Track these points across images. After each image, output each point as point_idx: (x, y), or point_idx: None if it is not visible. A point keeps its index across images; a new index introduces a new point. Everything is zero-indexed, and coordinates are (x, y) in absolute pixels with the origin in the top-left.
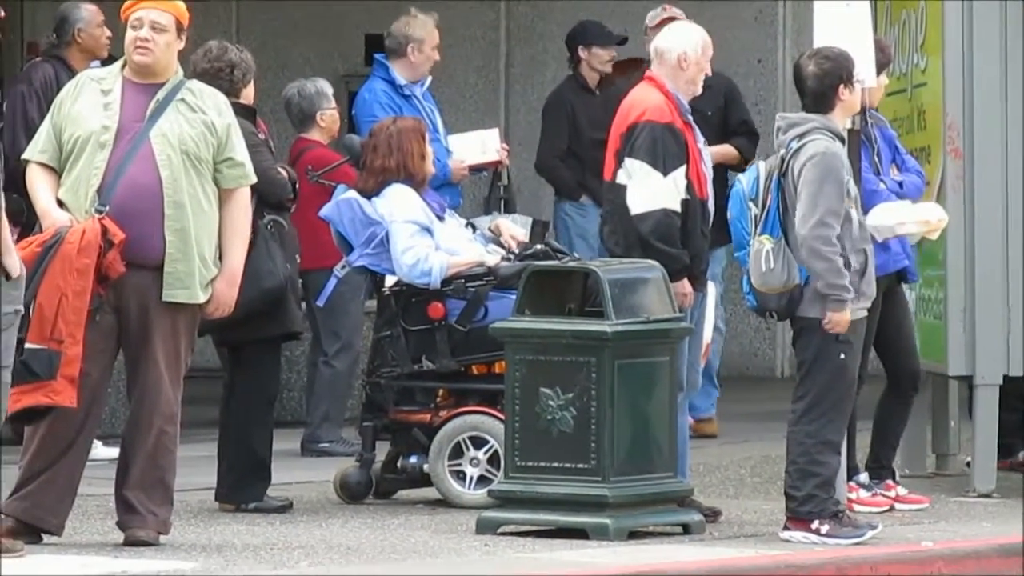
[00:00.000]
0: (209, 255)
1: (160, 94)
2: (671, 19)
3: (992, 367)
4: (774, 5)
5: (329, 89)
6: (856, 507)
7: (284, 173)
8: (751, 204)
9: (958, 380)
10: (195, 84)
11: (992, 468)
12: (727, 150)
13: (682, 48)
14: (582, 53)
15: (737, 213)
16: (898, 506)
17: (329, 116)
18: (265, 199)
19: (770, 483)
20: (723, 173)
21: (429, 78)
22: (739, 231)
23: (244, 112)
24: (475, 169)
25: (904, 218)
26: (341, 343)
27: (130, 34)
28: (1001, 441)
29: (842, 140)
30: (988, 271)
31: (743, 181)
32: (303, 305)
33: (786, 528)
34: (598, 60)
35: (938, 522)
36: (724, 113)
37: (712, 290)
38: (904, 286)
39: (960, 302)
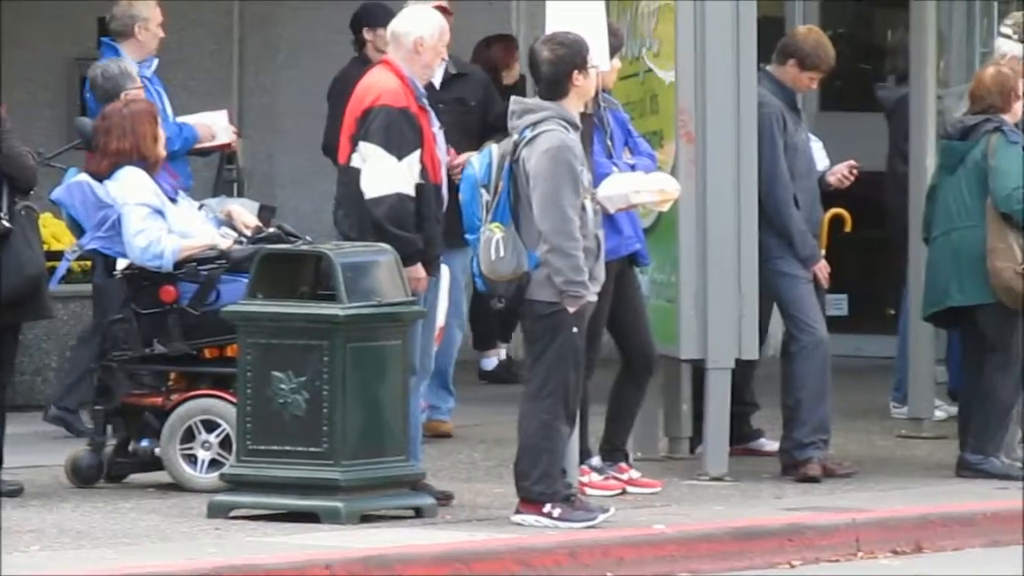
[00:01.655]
0: None
1: None
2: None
3: (724, 351)
4: None
5: (134, 69)
6: (588, 490)
7: (32, 158)
8: (483, 190)
9: (690, 363)
10: None
11: (724, 452)
12: None
13: (419, 33)
14: (367, 35)
15: (469, 198)
16: (631, 489)
17: (134, 95)
18: (16, 185)
19: (503, 466)
20: None
21: (156, 60)
22: (470, 216)
23: None
24: (204, 151)
25: (640, 186)
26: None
27: None
28: (733, 426)
29: (576, 127)
30: (720, 255)
31: (475, 166)
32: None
33: (518, 512)
34: (383, 41)
35: (670, 505)
36: (484, 105)
37: (446, 274)
38: (636, 269)
39: (692, 286)
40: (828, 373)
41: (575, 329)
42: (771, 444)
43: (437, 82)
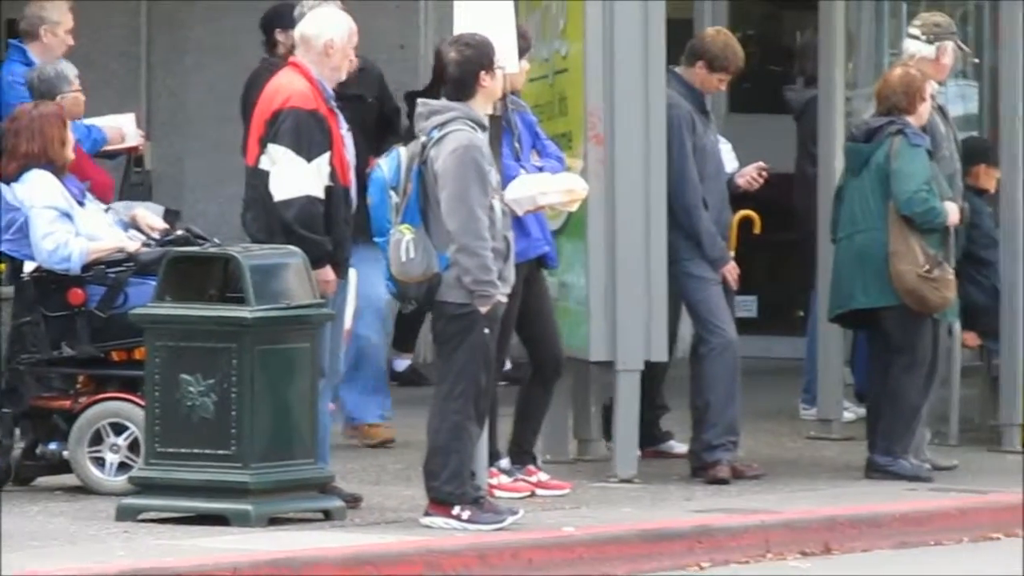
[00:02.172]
0: None
1: None
2: None
3: (633, 353)
4: None
5: (71, 71)
6: (497, 492)
7: None
8: (392, 192)
9: (600, 366)
10: None
11: (633, 453)
12: None
13: (329, 35)
14: (279, 36)
15: (378, 200)
16: (540, 491)
17: (71, 99)
18: None
19: (411, 469)
20: None
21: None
22: (379, 218)
23: None
24: (112, 154)
25: (546, 187)
26: None
27: None
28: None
29: (483, 128)
30: (629, 257)
31: (384, 168)
32: None
33: (427, 514)
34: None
35: (579, 507)
36: (380, 100)
37: (353, 277)
38: (545, 272)
39: (601, 288)
40: (737, 375)
41: (487, 330)
42: (681, 446)
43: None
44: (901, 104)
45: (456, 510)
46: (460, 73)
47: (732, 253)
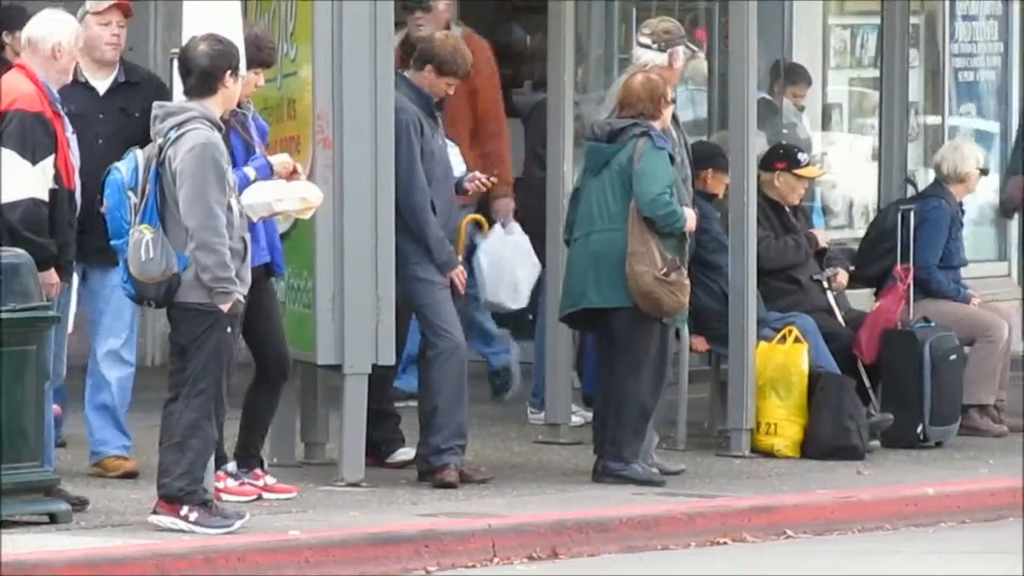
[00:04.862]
0: None
1: None
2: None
3: (361, 356)
4: None
5: None
6: (224, 496)
7: None
8: (131, 193)
9: (327, 369)
10: None
11: (360, 457)
12: None
13: (57, 38)
14: (6, 38)
15: (116, 202)
16: (266, 495)
17: None
18: None
19: (139, 471)
20: None
21: None
22: (117, 220)
23: None
24: None
25: (282, 194)
26: None
27: None
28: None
29: (220, 128)
30: (357, 260)
31: (122, 170)
32: None
33: (156, 512)
34: (20, 45)
35: (306, 511)
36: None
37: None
38: (271, 278)
39: (329, 291)
40: (465, 378)
41: (229, 329)
42: (408, 452)
43: (103, 89)
44: (647, 110)
45: (184, 510)
46: (210, 67)
47: (460, 257)
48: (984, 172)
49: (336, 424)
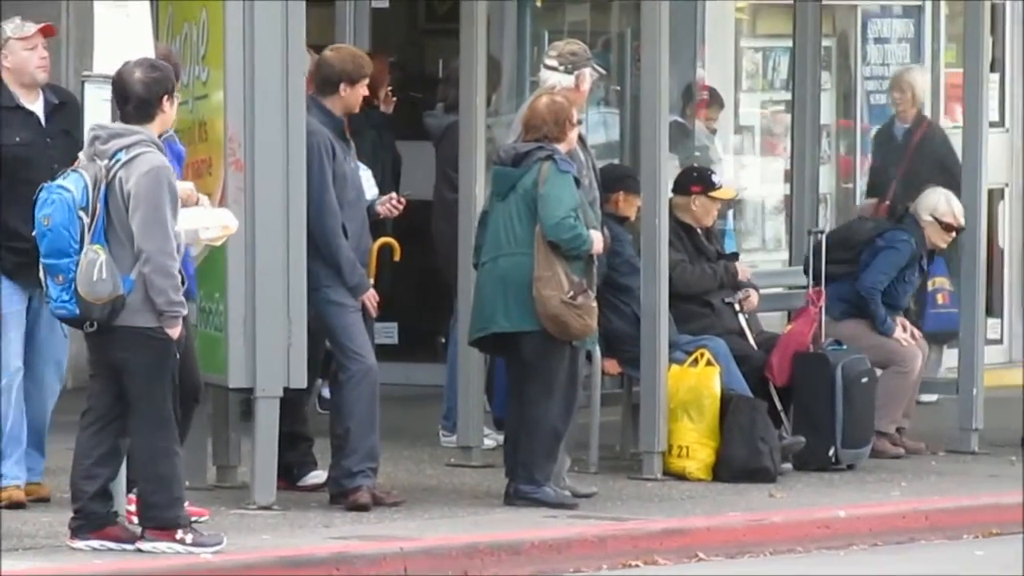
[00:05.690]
0: None
1: None
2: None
3: (273, 379)
4: (57, 5)
5: None
6: (135, 519)
7: None
8: (82, 213)
9: (239, 392)
10: None
11: (272, 480)
12: None
13: None
14: None
15: (65, 221)
16: None
17: None
18: None
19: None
20: None
21: None
22: (65, 240)
23: None
24: None
25: (207, 222)
26: None
27: None
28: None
29: (163, 152)
30: (269, 282)
31: (72, 189)
32: None
33: (146, 539)
34: None
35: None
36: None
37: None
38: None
39: (240, 314)
40: (377, 401)
41: (177, 355)
42: (321, 475)
43: (41, 113)
44: (552, 133)
45: (179, 534)
46: (147, 94)
47: (372, 280)
48: (959, 231)
49: (248, 447)
